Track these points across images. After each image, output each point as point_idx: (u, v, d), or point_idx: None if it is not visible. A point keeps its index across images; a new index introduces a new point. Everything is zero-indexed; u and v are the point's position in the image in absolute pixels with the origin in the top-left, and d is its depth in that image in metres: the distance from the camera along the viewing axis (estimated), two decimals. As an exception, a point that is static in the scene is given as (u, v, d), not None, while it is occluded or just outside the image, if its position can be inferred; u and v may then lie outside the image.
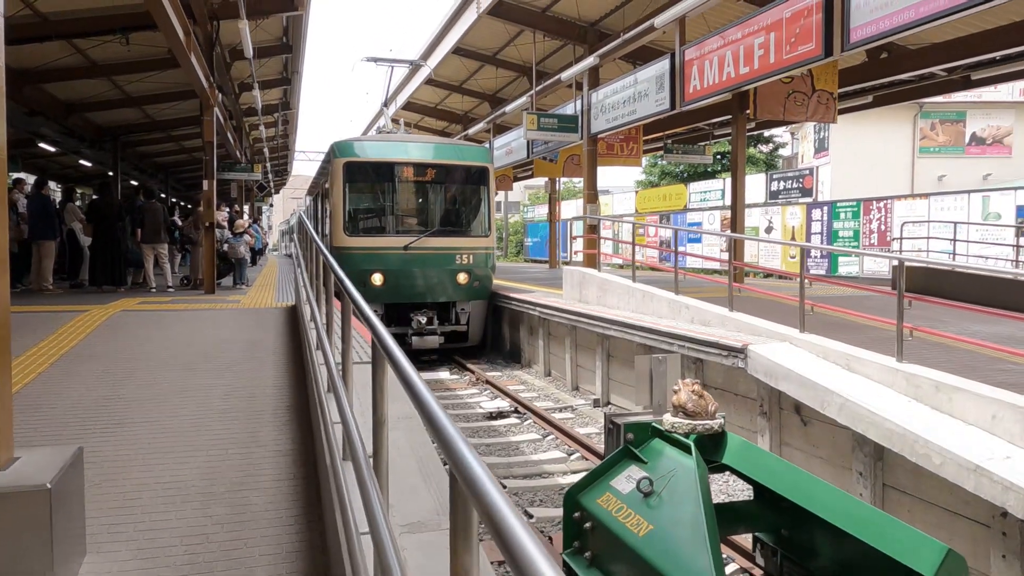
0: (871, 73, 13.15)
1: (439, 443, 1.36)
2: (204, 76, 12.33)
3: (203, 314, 9.85)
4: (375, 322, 2.43)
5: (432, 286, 11.94)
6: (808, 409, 6.15)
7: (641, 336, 8.56)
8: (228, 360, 7.12)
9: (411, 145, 12.50)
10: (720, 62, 10.40)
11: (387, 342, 2.27)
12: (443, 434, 1.31)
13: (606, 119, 14.02)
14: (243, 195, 26.53)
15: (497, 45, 17.10)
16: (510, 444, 8.37)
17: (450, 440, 1.27)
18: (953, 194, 18.21)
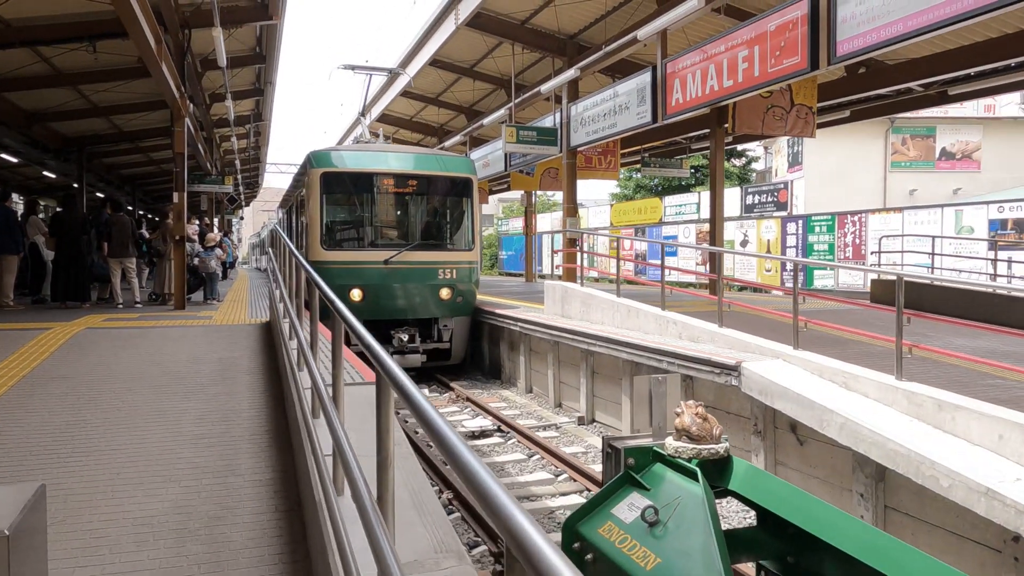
0: (849, 88, 13.21)
1: (484, 507, 1.14)
2: (175, 86, 11.98)
3: (173, 331, 9.48)
4: (376, 348, 2.19)
5: (414, 302, 11.61)
6: (805, 428, 5.99)
7: (628, 352, 8.38)
8: (201, 381, 6.78)
9: (392, 155, 12.18)
10: (703, 75, 10.33)
11: (393, 369, 2.04)
12: (494, 502, 1.08)
13: (586, 132, 13.92)
14: (213, 207, 26.01)
15: (475, 57, 16.94)
16: (495, 465, 8.12)
17: (504, 510, 1.04)
18: (927, 208, 18.40)
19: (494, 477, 1.18)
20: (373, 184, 11.75)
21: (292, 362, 5.06)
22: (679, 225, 26.91)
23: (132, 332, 9.36)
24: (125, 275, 12.93)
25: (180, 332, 9.43)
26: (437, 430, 1.51)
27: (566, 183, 14.78)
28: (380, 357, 2.13)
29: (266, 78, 17.65)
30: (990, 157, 23.59)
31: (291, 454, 4.90)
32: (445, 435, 1.44)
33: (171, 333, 9.33)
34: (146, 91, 14.68)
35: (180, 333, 9.35)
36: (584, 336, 9.50)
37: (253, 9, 12.48)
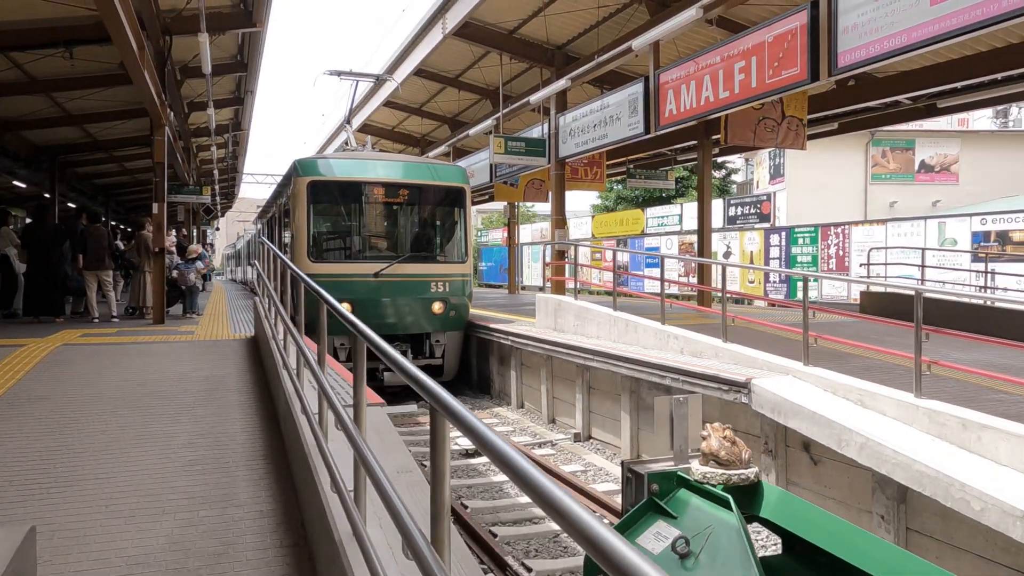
0: (838, 100, 13.22)
1: (591, 550, 1.01)
2: (156, 94, 11.63)
3: (155, 347, 9.11)
4: (425, 378, 1.96)
5: (405, 316, 11.28)
6: (819, 447, 5.83)
7: (628, 368, 8.18)
8: (188, 401, 6.46)
9: (381, 163, 11.84)
10: (698, 86, 10.22)
11: (449, 402, 1.82)
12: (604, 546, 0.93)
13: (575, 143, 13.76)
14: (190, 218, 25.49)
15: (460, 67, 16.75)
16: (492, 485, 7.86)
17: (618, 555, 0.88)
18: (910, 220, 18.52)
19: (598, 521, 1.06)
20: (362, 193, 11.43)
21: (293, 381, 4.78)
22: (661, 237, 26.91)
23: (112, 348, 8.98)
24: (101, 288, 12.51)
25: (163, 348, 9.06)
26: (522, 471, 1.34)
27: (554, 194, 14.61)
28: (432, 389, 1.90)
29: (246, 87, 17.31)
30: (968, 169, 23.89)
31: (291, 481, 4.62)
32: (533, 477, 1.28)
33: (153, 349, 8.97)
34: (122, 99, 14.28)
35: (163, 349, 8.99)
36: (580, 351, 9.29)
37: (236, 16, 12.18)
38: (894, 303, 12.73)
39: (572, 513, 1.10)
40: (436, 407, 1.87)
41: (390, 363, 2.31)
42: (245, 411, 6.19)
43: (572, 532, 1.07)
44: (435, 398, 1.87)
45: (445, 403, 1.82)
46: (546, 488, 1.21)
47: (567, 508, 1.13)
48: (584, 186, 18.94)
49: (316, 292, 4.05)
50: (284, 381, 5.20)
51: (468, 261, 12.07)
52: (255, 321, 10.32)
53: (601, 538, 0.99)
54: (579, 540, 1.05)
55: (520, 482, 1.31)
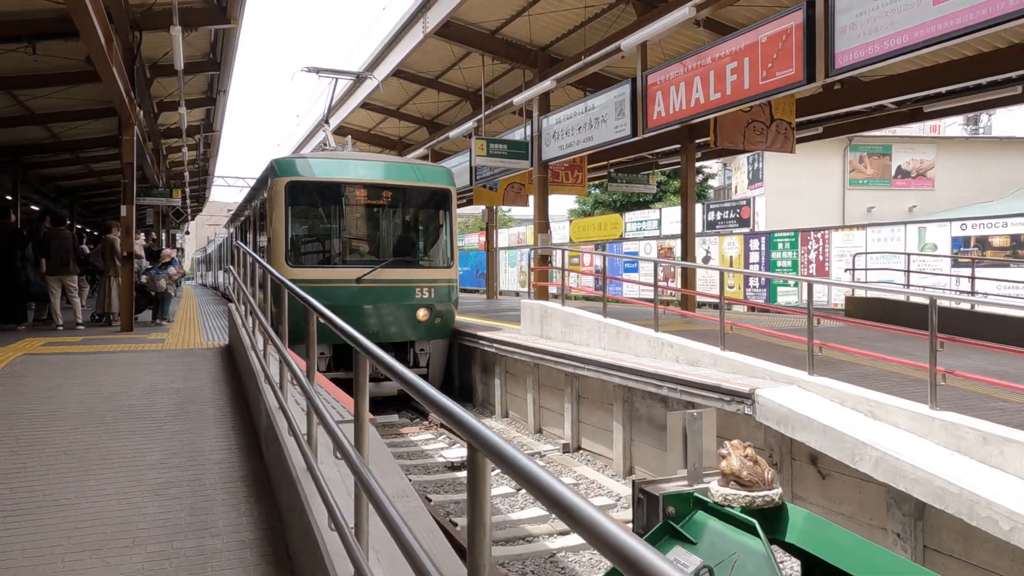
0: (824, 104, 13.12)
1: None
2: (125, 91, 11.15)
3: (123, 357, 8.63)
4: (462, 413, 1.65)
5: (388, 324, 10.86)
6: (828, 461, 5.58)
7: (621, 377, 7.91)
8: (159, 416, 6.04)
9: (364, 164, 11.39)
10: (688, 87, 10.00)
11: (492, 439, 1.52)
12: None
13: (559, 146, 13.49)
14: (159, 221, 24.80)
15: (441, 68, 16.43)
16: (482, 500, 7.50)
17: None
18: (890, 225, 18.54)
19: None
20: (344, 195, 11.01)
21: (277, 396, 4.41)
22: (640, 241, 26.77)
23: (77, 359, 8.50)
24: (66, 294, 11.96)
25: (131, 358, 8.59)
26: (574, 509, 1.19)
27: (537, 198, 14.32)
28: (470, 425, 1.59)
29: (219, 86, 16.81)
30: (943, 175, 24.09)
31: (275, 505, 4.26)
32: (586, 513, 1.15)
33: (121, 359, 8.50)
34: (88, 97, 13.73)
35: (131, 359, 8.52)
36: (570, 359, 9.00)
37: (210, 12, 11.74)
38: (880, 308, 12.65)
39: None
40: (477, 446, 1.56)
41: (411, 390, 1.99)
42: (222, 427, 5.79)
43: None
44: (475, 436, 1.56)
45: (490, 443, 1.51)
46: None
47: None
48: (565, 190, 18.71)
49: (305, 301, 3.70)
50: (266, 396, 4.83)
51: (454, 266, 11.70)
52: (229, 328, 9.89)
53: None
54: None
55: (568, 516, 1.19)
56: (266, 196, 11.18)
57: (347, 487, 3.45)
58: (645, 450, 7.99)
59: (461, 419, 1.61)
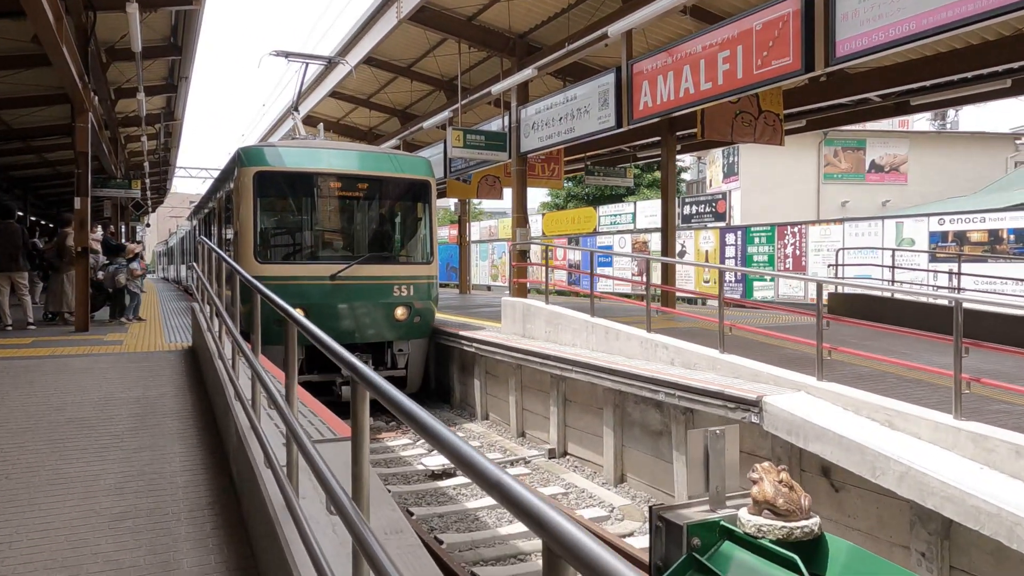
0: (809, 96, 12.85)
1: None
2: (78, 75, 10.42)
3: (76, 362, 7.99)
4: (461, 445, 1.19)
5: (364, 324, 10.28)
6: (842, 473, 5.24)
7: (612, 380, 7.51)
8: (116, 430, 5.48)
9: (338, 153, 10.72)
10: (676, 77, 9.61)
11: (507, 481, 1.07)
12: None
13: (538, 137, 13.03)
14: (118, 214, 23.80)
15: (414, 55, 15.84)
16: (467, 513, 7.07)
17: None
18: (867, 220, 18.44)
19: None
20: (316, 186, 10.39)
21: (250, 417, 3.90)
22: (614, 235, 26.47)
23: (25, 363, 7.84)
24: (15, 291, 11.21)
25: (85, 363, 7.96)
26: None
27: (516, 191, 13.86)
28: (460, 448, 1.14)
29: (181, 72, 16.03)
30: (915, 169, 24.15)
31: (247, 538, 3.76)
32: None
33: (74, 364, 7.86)
34: (40, 83, 12.92)
35: (86, 364, 7.88)
36: (556, 360, 8.58)
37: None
38: (862, 304, 12.46)
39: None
40: (551, 547, 1.10)
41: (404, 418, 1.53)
42: (185, 442, 5.25)
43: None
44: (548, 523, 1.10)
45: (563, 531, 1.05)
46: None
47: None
48: (541, 183, 18.31)
49: (285, 313, 3.20)
50: (236, 414, 4.31)
51: (434, 262, 11.14)
52: (193, 328, 9.28)
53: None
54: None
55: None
56: (232, 187, 10.53)
57: (332, 528, 2.98)
58: (638, 457, 7.61)
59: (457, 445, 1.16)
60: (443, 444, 1.52)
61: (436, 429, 1.58)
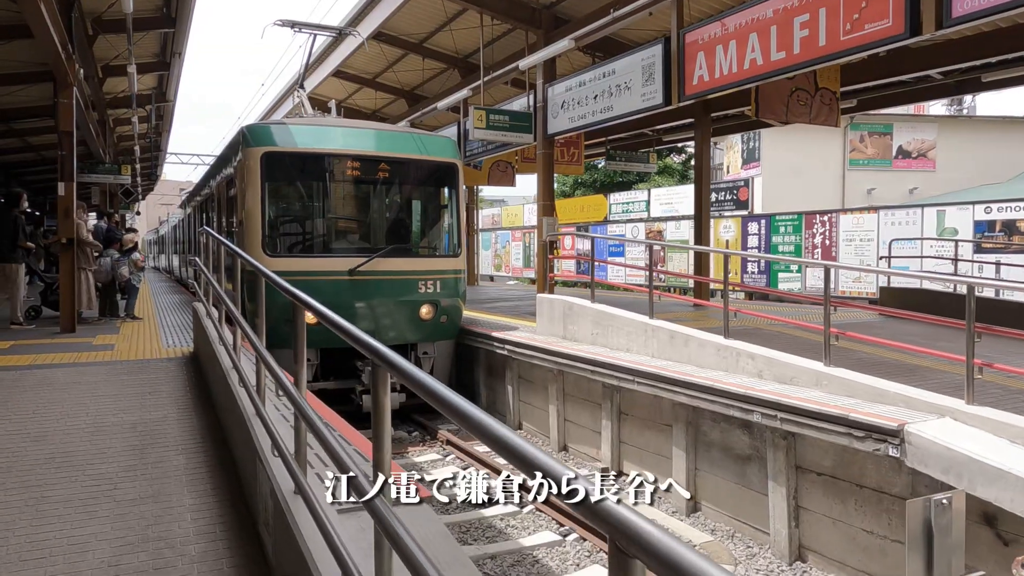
0: (863, 73, 11.76)
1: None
2: (61, 44, 9.25)
3: (61, 374, 6.86)
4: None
5: (386, 324, 9.13)
6: (1019, 525, 4.20)
7: (687, 395, 6.46)
8: (109, 471, 4.39)
9: (355, 132, 9.51)
10: (740, 47, 8.51)
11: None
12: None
13: (568, 117, 11.91)
14: (107, 201, 22.54)
15: (428, 29, 14.66)
16: (524, 553, 6.02)
17: None
18: (905, 208, 17.44)
19: None
20: (332, 169, 9.21)
21: (294, 475, 2.82)
22: (627, 224, 25.40)
23: (0, 376, 6.70)
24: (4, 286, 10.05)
25: (72, 374, 6.83)
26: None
27: (542, 177, 12.76)
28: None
29: (174, 47, 14.80)
30: (944, 156, 23.12)
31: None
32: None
33: (58, 377, 6.73)
34: (21, 58, 11.69)
35: (71, 376, 6.76)
36: (611, 368, 7.53)
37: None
38: (917, 299, 11.44)
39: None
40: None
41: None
42: (196, 489, 4.18)
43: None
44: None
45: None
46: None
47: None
48: (560, 169, 17.17)
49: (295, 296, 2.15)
50: (272, 471, 3.22)
51: (462, 254, 9.99)
52: (195, 331, 8.18)
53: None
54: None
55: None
56: (236, 171, 9.37)
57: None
58: (716, 483, 6.57)
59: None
60: (485, 432, 1.40)
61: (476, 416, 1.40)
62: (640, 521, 0.99)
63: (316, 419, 2.57)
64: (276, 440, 3.03)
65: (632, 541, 1.00)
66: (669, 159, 32.03)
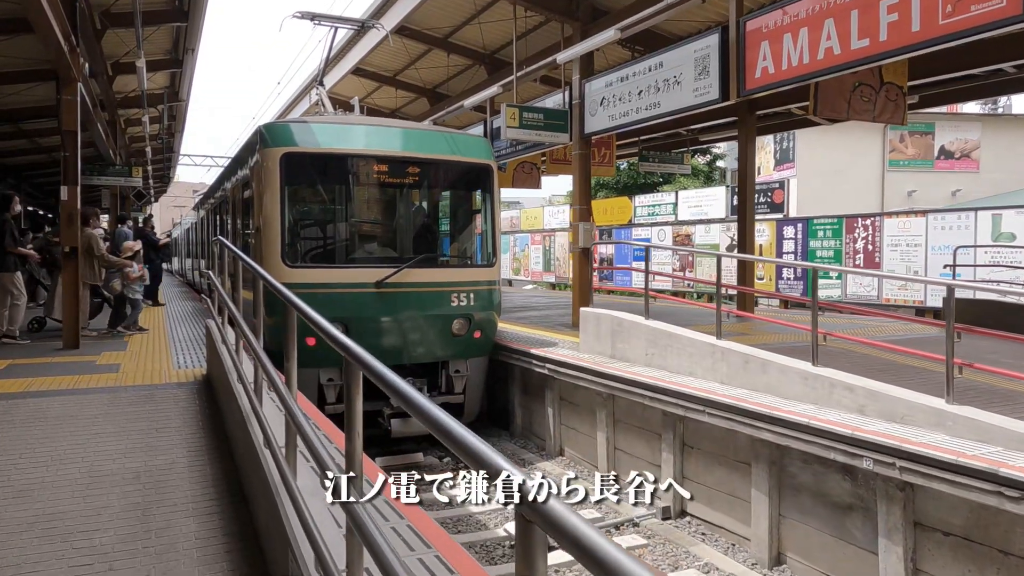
0: (931, 66, 10.83)
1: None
2: (63, 35, 8.49)
3: (57, 404, 6.05)
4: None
5: (415, 340, 8.28)
6: None
7: (774, 432, 5.59)
8: (103, 542, 3.58)
9: (382, 131, 8.69)
10: (812, 35, 7.64)
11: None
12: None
13: (608, 115, 11.07)
14: (117, 204, 21.87)
15: (454, 23, 13.84)
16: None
17: None
18: (956, 211, 16.47)
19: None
20: (358, 172, 8.39)
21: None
22: (654, 228, 24.50)
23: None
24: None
25: (68, 405, 6.02)
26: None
27: (578, 179, 11.97)
28: None
29: (186, 43, 14.06)
30: (988, 156, 22.09)
31: None
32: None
33: (53, 407, 5.92)
34: (26, 55, 10.95)
35: (68, 407, 5.95)
36: (674, 395, 6.68)
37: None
38: (983, 310, 10.50)
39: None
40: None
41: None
42: (212, 568, 3.35)
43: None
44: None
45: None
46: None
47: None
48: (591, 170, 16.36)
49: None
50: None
51: (496, 264, 9.15)
52: (208, 351, 7.38)
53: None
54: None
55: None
56: (253, 173, 8.56)
57: None
58: (806, 533, 5.70)
59: None
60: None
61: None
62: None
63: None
64: (325, 555, 2.19)
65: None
66: (695, 160, 31.08)
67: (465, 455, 1.35)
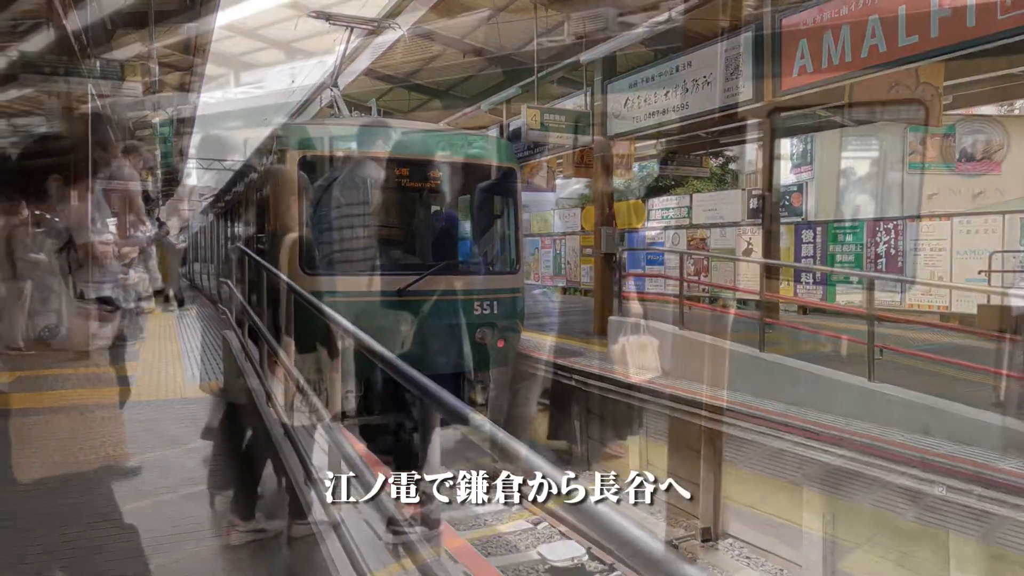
0: (966, 66, 10.48)
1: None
2: (73, 35, 8.21)
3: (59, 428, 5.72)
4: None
5: (438, 350, 7.94)
6: None
7: (825, 451, 5.25)
8: None
9: (402, 133, 8.45)
10: (856, 32, 7.32)
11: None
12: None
13: (633, 117, 10.78)
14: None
15: (472, 22, 13.53)
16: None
17: None
18: (983, 215, 16.10)
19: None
20: (378, 175, 8.10)
21: None
22: (669, 231, 24.17)
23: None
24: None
25: (76, 431, 5.70)
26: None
27: (599, 182, 11.64)
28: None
29: (198, 45, 13.82)
30: (1011, 158, 21.65)
31: None
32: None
33: (57, 426, 5.60)
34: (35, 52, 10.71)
35: (75, 431, 5.63)
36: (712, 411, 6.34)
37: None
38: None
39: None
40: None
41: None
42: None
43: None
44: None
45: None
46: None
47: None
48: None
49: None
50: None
51: (520, 271, 8.83)
52: (224, 363, 7.08)
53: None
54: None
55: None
56: (269, 177, 8.26)
57: None
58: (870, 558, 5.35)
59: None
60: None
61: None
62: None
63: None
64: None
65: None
66: (712, 163, 30.76)
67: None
